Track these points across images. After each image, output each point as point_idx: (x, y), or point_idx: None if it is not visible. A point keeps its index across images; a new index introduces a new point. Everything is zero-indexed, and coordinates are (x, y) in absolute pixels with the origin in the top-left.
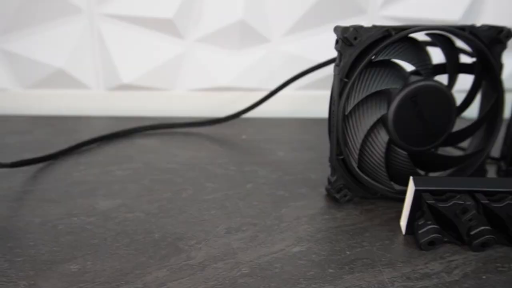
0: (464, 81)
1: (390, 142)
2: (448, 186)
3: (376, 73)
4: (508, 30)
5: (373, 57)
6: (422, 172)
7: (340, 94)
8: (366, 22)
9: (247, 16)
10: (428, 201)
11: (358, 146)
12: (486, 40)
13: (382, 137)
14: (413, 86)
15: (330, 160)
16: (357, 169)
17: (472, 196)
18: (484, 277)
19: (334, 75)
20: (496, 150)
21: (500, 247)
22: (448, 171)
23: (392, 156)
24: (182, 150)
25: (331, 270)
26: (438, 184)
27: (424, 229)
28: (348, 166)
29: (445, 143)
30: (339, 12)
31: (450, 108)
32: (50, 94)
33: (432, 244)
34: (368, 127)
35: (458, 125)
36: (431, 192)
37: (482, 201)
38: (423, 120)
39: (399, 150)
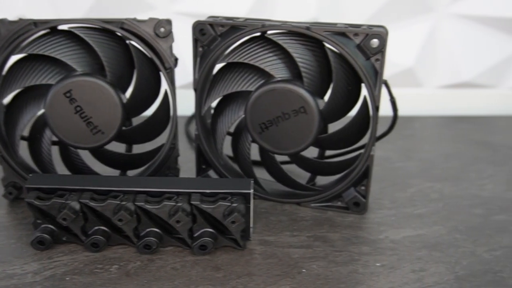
0: None
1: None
2: (58, 184)
3: (28, 69)
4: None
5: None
6: (116, 171)
7: None
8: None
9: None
10: (28, 200)
11: (16, 141)
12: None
13: (47, 134)
14: (65, 82)
15: None
16: (17, 168)
17: (79, 196)
18: (67, 278)
19: None
20: None
21: (125, 248)
22: (140, 170)
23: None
24: None
25: None
26: (47, 183)
27: (38, 229)
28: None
29: (123, 140)
30: (124, 7)
31: (115, 105)
32: None
33: (42, 243)
34: (24, 124)
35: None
36: (43, 190)
37: (82, 200)
38: (85, 116)
39: (71, 148)
